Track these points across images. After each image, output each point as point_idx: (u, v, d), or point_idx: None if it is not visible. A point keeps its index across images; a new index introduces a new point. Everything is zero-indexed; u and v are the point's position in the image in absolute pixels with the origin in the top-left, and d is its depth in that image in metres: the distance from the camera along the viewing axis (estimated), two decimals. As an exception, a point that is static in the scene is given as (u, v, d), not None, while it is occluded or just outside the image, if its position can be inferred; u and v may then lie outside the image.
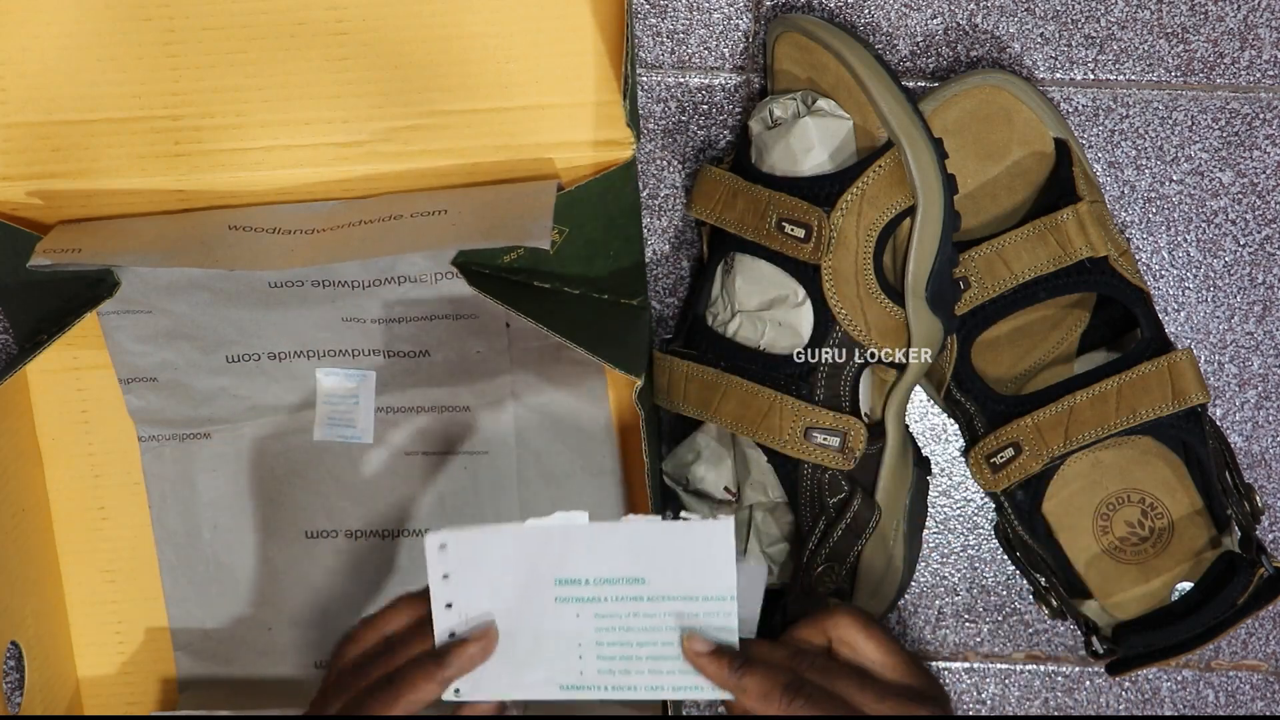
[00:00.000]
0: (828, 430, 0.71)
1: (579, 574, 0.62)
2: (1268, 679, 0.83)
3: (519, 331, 0.77)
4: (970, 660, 0.83)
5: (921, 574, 0.82)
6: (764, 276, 0.72)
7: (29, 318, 0.77)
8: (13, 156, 0.75)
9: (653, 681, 0.63)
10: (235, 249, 0.72)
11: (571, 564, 0.62)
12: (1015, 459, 0.74)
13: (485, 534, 0.62)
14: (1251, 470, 0.81)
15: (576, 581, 0.62)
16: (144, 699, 0.83)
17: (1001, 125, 0.75)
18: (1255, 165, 0.78)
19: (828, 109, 0.71)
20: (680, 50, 0.78)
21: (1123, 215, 0.79)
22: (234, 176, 0.75)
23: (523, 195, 0.74)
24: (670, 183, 0.79)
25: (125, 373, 0.79)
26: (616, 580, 0.62)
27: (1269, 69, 0.77)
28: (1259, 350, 0.80)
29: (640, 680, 0.63)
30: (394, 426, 0.80)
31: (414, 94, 0.74)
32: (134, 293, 0.75)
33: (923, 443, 0.81)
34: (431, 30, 0.74)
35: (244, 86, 0.74)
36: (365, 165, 0.75)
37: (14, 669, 0.79)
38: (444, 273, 0.74)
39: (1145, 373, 0.73)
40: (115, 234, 0.74)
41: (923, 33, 0.77)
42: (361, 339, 0.78)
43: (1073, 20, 0.77)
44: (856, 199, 0.70)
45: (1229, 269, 0.79)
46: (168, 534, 0.81)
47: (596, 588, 0.62)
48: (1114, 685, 0.83)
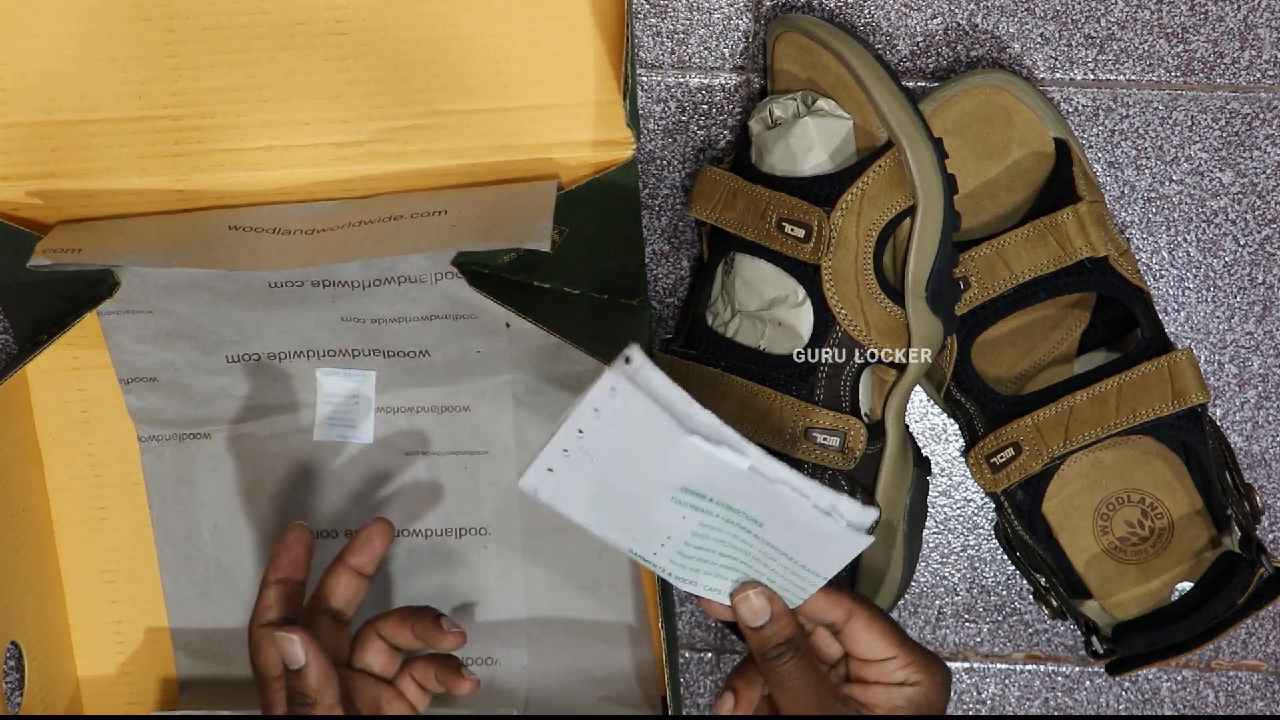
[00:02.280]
0: (828, 430, 0.71)
1: (707, 491, 0.61)
2: (1268, 679, 0.83)
3: (519, 331, 0.77)
4: (970, 660, 0.83)
5: (921, 574, 0.82)
6: (764, 276, 0.72)
7: (29, 318, 0.77)
8: (13, 156, 0.75)
9: (714, 584, 0.64)
10: (235, 249, 0.72)
11: (706, 483, 0.61)
12: (1015, 459, 0.74)
13: (650, 415, 0.58)
14: (1251, 470, 0.81)
15: (701, 495, 0.61)
16: (144, 699, 0.83)
17: (1001, 125, 0.75)
18: (1255, 165, 0.78)
19: (828, 109, 0.71)
20: (680, 50, 0.78)
21: (1123, 215, 0.79)
22: (234, 176, 0.75)
23: (523, 195, 0.74)
24: (670, 183, 0.79)
25: (125, 373, 0.79)
26: (738, 510, 0.62)
27: (1269, 69, 0.77)
28: (1259, 350, 0.80)
29: (703, 579, 0.64)
30: (394, 426, 0.80)
31: (413, 94, 0.74)
32: (134, 293, 0.75)
33: (923, 443, 0.81)
34: (431, 30, 0.74)
35: (244, 86, 0.74)
36: (365, 165, 0.75)
37: (14, 669, 0.79)
38: (444, 273, 0.74)
39: (1145, 373, 0.73)
40: (115, 234, 0.74)
41: (923, 33, 0.77)
42: (361, 339, 0.78)
43: (1073, 20, 0.77)
44: (856, 199, 0.70)
45: (1229, 269, 0.79)
46: (168, 534, 0.81)
47: (716, 506, 0.62)
48: (1114, 685, 0.83)
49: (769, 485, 0.60)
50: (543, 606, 0.81)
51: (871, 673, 0.65)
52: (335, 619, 0.68)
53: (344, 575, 0.68)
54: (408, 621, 0.67)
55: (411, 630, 0.67)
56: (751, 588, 0.64)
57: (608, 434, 0.59)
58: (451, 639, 0.66)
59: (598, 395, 0.58)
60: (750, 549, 0.63)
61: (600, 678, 0.81)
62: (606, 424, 0.59)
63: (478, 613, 0.81)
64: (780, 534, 0.62)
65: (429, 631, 0.66)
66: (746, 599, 0.64)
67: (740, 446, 0.59)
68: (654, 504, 0.62)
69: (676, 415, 0.58)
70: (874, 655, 0.65)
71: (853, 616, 0.64)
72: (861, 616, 0.64)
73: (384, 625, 0.68)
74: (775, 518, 0.61)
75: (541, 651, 0.81)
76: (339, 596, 0.68)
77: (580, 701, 0.81)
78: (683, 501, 0.61)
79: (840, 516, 0.61)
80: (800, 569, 0.63)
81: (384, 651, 0.68)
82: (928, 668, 0.65)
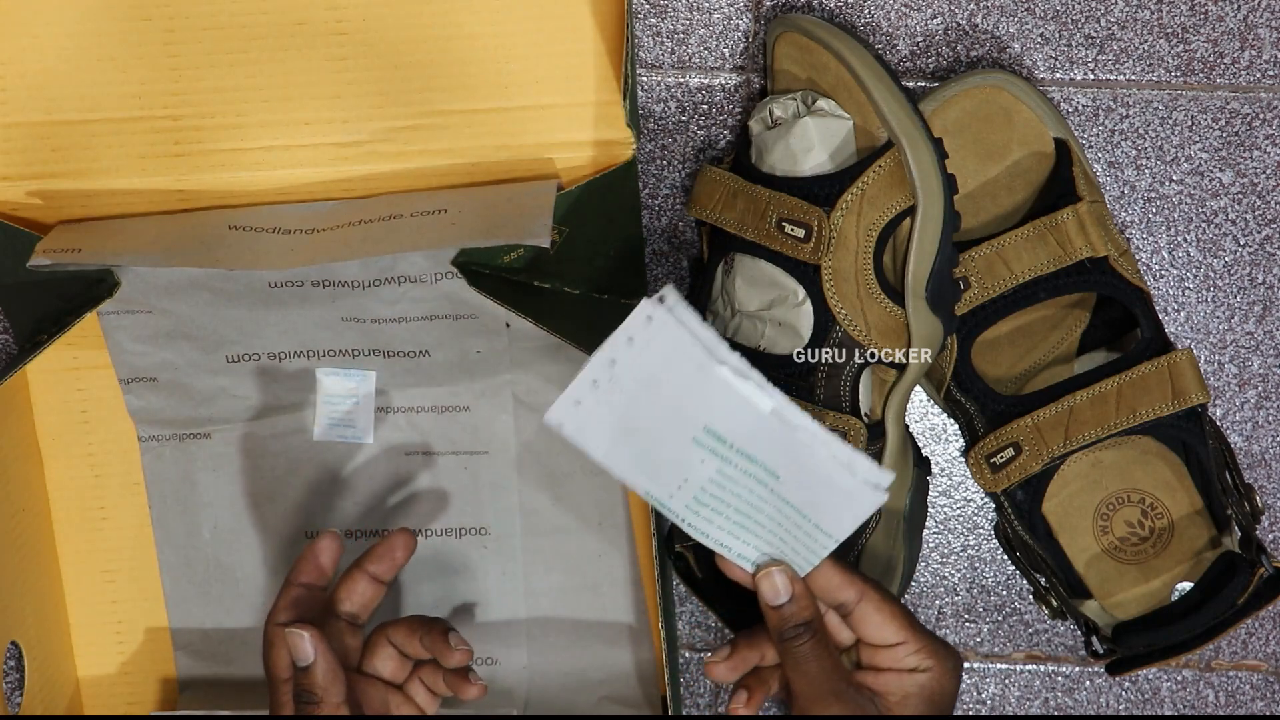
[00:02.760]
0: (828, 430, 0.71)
1: (729, 437, 0.62)
2: (1268, 679, 0.83)
3: (519, 331, 0.77)
4: (970, 660, 0.83)
5: (921, 574, 0.82)
6: (764, 276, 0.72)
7: (29, 318, 0.77)
8: (13, 156, 0.75)
9: (725, 540, 0.65)
10: (235, 249, 0.72)
11: (729, 426, 0.61)
12: (1015, 459, 0.74)
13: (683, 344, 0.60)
14: (1251, 470, 0.81)
15: (722, 440, 0.62)
16: (144, 699, 0.83)
17: (1001, 125, 0.75)
18: (1255, 165, 0.78)
19: (828, 109, 0.71)
20: (680, 50, 0.78)
21: (1123, 215, 0.79)
22: (234, 176, 0.75)
23: (523, 195, 0.74)
24: (670, 183, 0.79)
25: (125, 373, 0.79)
26: (756, 461, 0.62)
27: (1269, 69, 0.77)
28: (1259, 350, 0.80)
29: (715, 533, 0.65)
30: (394, 426, 0.80)
31: (413, 94, 0.74)
32: (134, 293, 0.75)
33: (923, 443, 0.81)
34: (431, 30, 0.74)
35: (244, 86, 0.74)
36: (365, 165, 0.75)
37: (14, 669, 0.79)
38: (444, 273, 0.74)
39: (1145, 373, 0.73)
40: (115, 234, 0.74)
41: (923, 33, 0.77)
42: (361, 339, 0.78)
43: (1073, 20, 0.77)
44: (856, 199, 0.70)
45: (1229, 269, 0.79)
46: (168, 534, 0.81)
47: (735, 454, 0.62)
48: (1114, 685, 0.83)
49: (789, 433, 0.61)
50: (543, 606, 0.81)
51: (882, 659, 0.65)
52: (349, 623, 0.68)
53: (361, 581, 0.69)
54: (418, 632, 0.67)
55: (420, 641, 0.67)
56: (775, 565, 0.64)
57: (639, 364, 0.60)
58: (459, 655, 0.67)
59: (633, 324, 0.59)
60: (765, 506, 0.63)
61: (600, 678, 0.81)
62: (639, 353, 0.60)
63: (478, 613, 0.81)
64: (796, 489, 0.62)
65: (437, 645, 0.67)
66: (769, 575, 0.64)
67: (766, 388, 0.60)
68: (676, 443, 0.62)
69: (709, 347, 0.60)
70: (884, 640, 0.65)
71: (864, 598, 0.65)
72: (873, 599, 0.65)
73: (395, 632, 0.68)
74: (792, 470, 0.62)
75: (541, 651, 0.81)
76: (354, 601, 0.68)
77: (580, 701, 0.81)
78: (703, 444, 0.62)
79: (857, 472, 0.61)
80: (813, 528, 0.63)
81: (394, 658, 0.68)
82: (938, 654, 0.65)
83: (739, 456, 0.62)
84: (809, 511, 0.63)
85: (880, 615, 0.65)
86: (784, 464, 0.62)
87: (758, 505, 0.63)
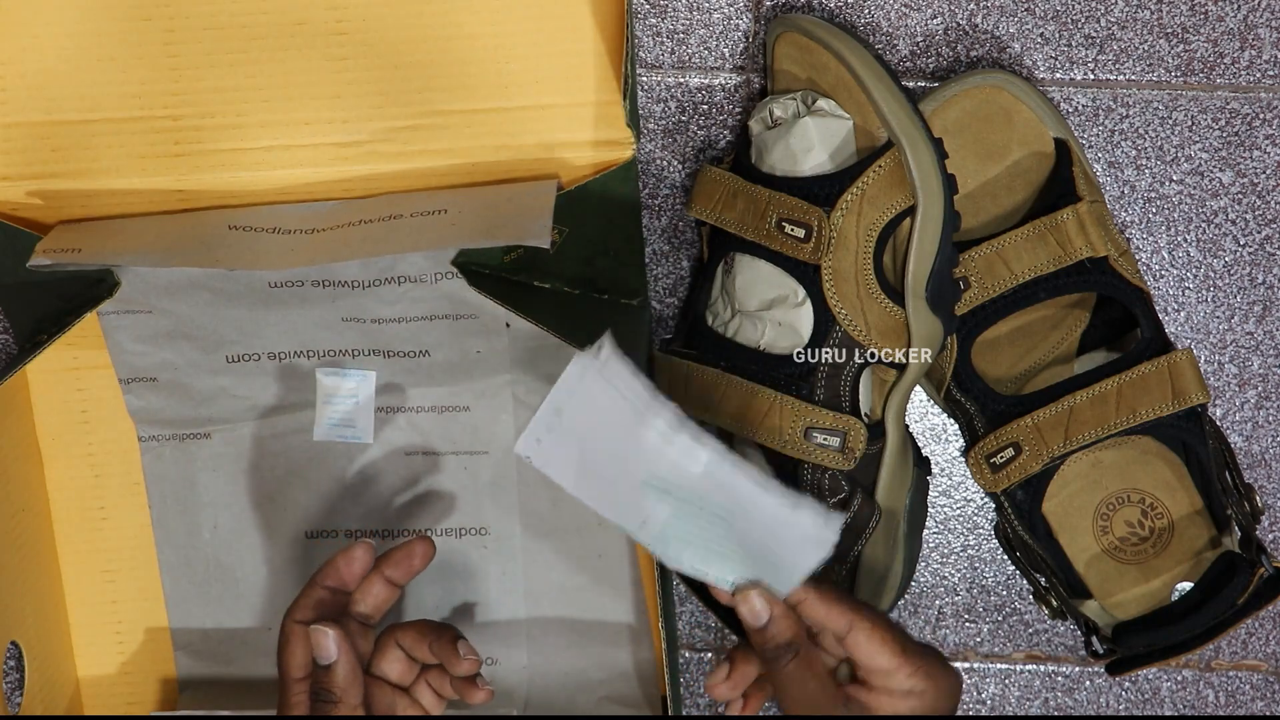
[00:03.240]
0: (828, 430, 0.71)
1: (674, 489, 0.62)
2: (1268, 679, 0.83)
3: (519, 331, 0.77)
4: (970, 660, 0.83)
5: (921, 574, 0.82)
6: (764, 276, 0.72)
7: (29, 318, 0.77)
8: (13, 156, 0.75)
9: (700, 566, 0.64)
10: (235, 249, 0.72)
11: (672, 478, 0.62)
12: (1015, 459, 0.74)
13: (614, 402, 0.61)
14: (1251, 470, 0.81)
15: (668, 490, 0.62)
16: (144, 699, 0.83)
17: (1001, 125, 0.75)
18: (1255, 165, 0.78)
19: (828, 109, 0.71)
20: (680, 50, 0.78)
21: (1123, 215, 0.79)
22: (234, 176, 0.75)
23: (523, 195, 0.74)
24: (670, 183, 0.79)
25: (125, 373, 0.79)
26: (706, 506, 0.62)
27: (1269, 69, 0.77)
28: (1259, 350, 0.80)
29: (688, 561, 0.64)
30: (394, 426, 0.80)
31: (413, 94, 0.74)
32: (134, 293, 0.75)
33: (923, 443, 0.81)
34: (431, 30, 0.74)
35: (244, 86, 0.74)
36: (365, 165, 0.75)
37: (14, 669, 0.79)
38: (444, 273, 0.74)
39: (1145, 373, 0.73)
40: (115, 234, 0.74)
41: (923, 33, 0.77)
42: (361, 339, 0.78)
43: (1073, 20, 0.77)
44: (856, 199, 0.70)
45: (1229, 269, 0.79)
46: (168, 534, 0.81)
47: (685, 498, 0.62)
48: (1114, 685, 0.83)
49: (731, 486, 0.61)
50: (543, 606, 0.81)
51: (876, 679, 0.64)
52: (362, 623, 0.68)
53: (377, 583, 0.68)
54: (427, 637, 0.67)
55: (429, 647, 0.67)
56: (753, 588, 0.64)
57: (581, 416, 0.61)
58: (467, 664, 0.66)
59: (570, 379, 0.61)
60: (728, 540, 0.63)
61: (600, 678, 0.81)
62: (580, 405, 0.61)
63: (478, 613, 0.81)
64: (748, 533, 0.62)
65: (446, 652, 0.66)
66: (748, 599, 0.64)
67: (698, 445, 0.60)
68: (629, 486, 0.62)
69: (636, 410, 0.60)
70: (877, 666, 0.64)
71: (853, 628, 0.63)
72: (862, 628, 0.63)
73: (404, 636, 0.68)
74: (741, 517, 0.62)
75: (541, 651, 0.81)
76: (369, 602, 0.68)
77: (580, 701, 0.81)
78: (654, 487, 0.62)
79: (802, 522, 0.61)
80: (774, 567, 0.63)
81: (402, 660, 0.68)
82: (933, 675, 0.64)
83: (689, 502, 0.62)
84: (766, 554, 0.63)
85: (872, 643, 0.63)
86: (733, 511, 0.62)
87: (721, 539, 0.63)
